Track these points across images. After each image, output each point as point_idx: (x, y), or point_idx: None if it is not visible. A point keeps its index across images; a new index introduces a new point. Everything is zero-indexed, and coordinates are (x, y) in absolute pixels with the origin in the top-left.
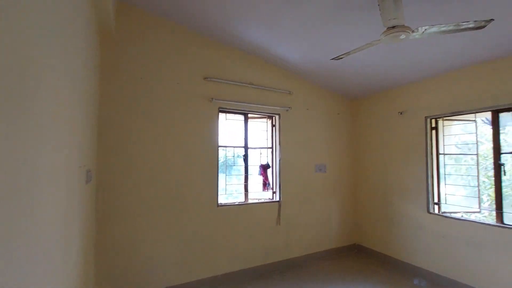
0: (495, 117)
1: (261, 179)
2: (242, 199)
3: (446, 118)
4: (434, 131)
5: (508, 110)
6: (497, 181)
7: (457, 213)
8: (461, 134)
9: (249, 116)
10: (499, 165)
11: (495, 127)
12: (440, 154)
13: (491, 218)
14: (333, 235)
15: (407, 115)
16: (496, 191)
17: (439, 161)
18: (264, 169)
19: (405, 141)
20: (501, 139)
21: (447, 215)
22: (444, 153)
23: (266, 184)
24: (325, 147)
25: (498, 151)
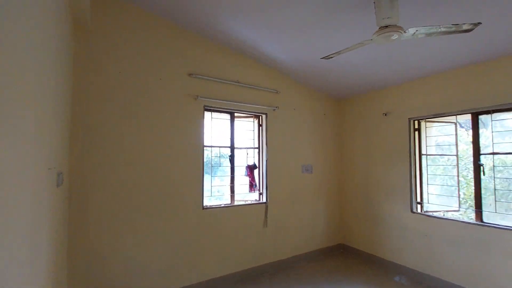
0: (475, 119)
1: (247, 180)
2: (228, 201)
3: (428, 120)
4: (417, 132)
5: (487, 112)
6: (476, 181)
7: (438, 212)
8: (442, 135)
9: (236, 115)
10: (478, 166)
11: (475, 129)
12: (422, 154)
13: (466, 215)
14: (319, 236)
15: (391, 117)
16: (476, 191)
17: (421, 162)
18: (251, 169)
19: (389, 142)
20: (480, 142)
21: (430, 214)
22: (426, 153)
23: (252, 185)
24: (312, 147)
25: (477, 152)
